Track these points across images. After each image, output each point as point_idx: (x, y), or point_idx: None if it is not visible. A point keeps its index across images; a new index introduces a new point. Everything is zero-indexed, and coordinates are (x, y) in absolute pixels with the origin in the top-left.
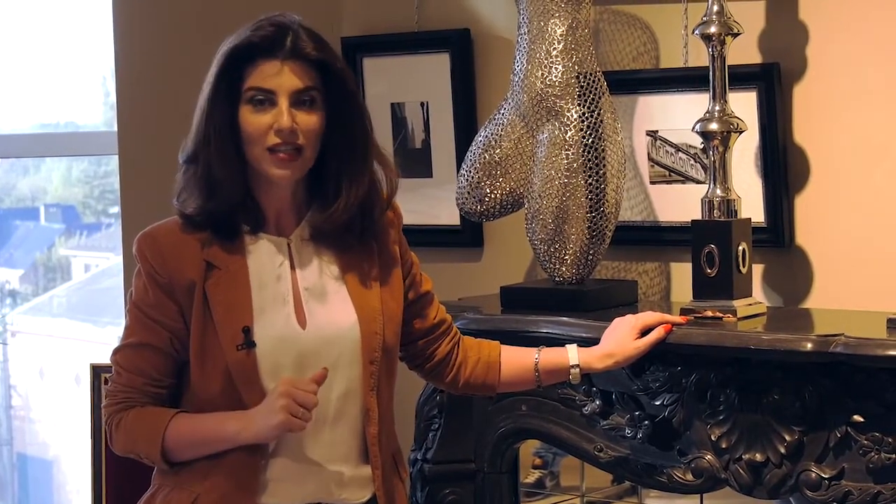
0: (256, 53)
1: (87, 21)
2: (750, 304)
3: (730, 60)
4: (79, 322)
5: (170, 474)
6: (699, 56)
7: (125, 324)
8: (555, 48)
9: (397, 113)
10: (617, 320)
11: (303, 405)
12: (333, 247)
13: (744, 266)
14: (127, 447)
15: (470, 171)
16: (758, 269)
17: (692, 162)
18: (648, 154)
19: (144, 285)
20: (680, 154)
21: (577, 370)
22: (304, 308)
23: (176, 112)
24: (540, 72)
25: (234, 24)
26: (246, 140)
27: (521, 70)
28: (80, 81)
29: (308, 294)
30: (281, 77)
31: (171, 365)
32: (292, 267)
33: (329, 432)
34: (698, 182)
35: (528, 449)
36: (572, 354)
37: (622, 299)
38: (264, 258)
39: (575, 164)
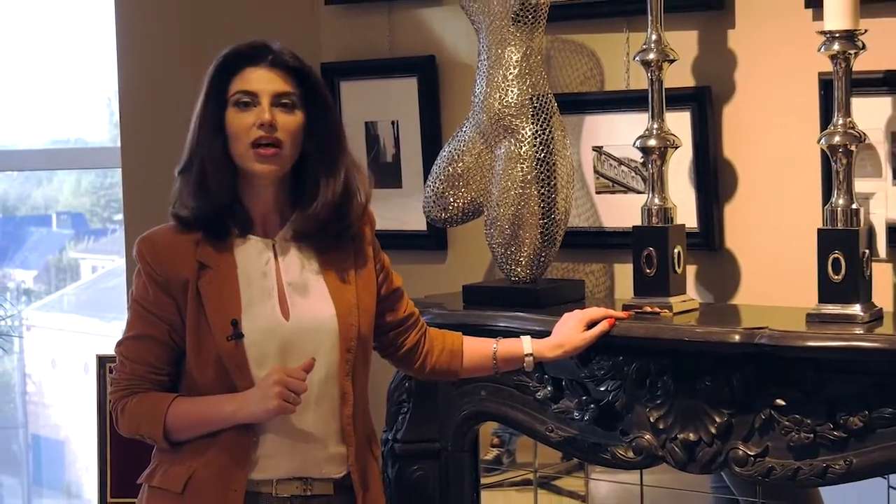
0: (242, 61)
1: (94, 47)
2: (684, 301)
3: (666, 84)
4: (87, 317)
5: (168, 452)
6: (639, 80)
7: (127, 318)
8: (511, 73)
9: (371, 130)
10: (566, 315)
11: (294, 391)
12: (313, 246)
13: (679, 267)
14: (132, 429)
15: (435, 183)
16: (691, 270)
17: (633, 174)
18: (594, 167)
19: (144, 283)
20: (622, 167)
21: (531, 359)
22: (288, 301)
23: (173, 130)
24: (498, 94)
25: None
26: (231, 138)
27: (480, 92)
28: (87, 102)
29: (291, 289)
30: (263, 81)
31: (170, 355)
32: (277, 264)
33: (312, 413)
34: (638, 192)
35: (488, 429)
36: (527, 345)
37: (571, 296)
38: (251, 257)
39: (529, 177)
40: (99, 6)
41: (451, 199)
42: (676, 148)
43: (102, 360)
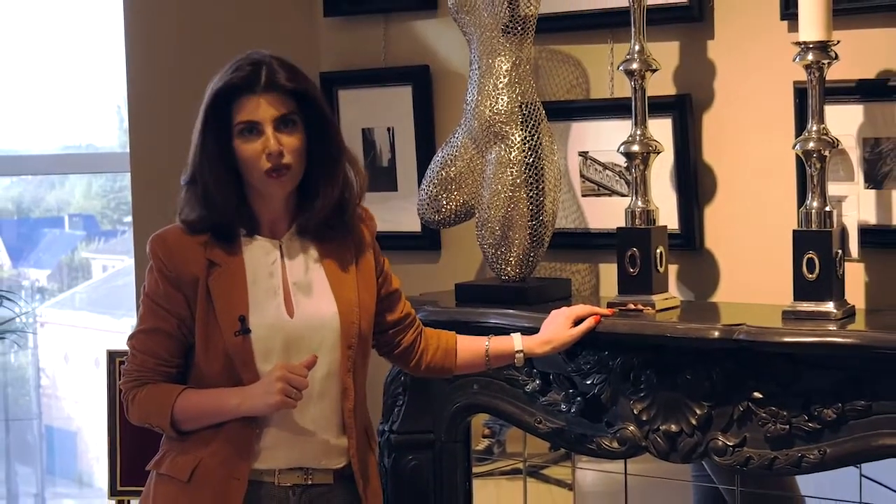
0: (238, 92)
1: (104, 57)
2: (666, 299)
3: (649, 92)
4: (97, 314)
5: (176, 441)
6: (623, 88)
7: (139, 313)
8: (501, 82)
9: (367, 136)
10: (554, 312)
11: (296, 387)
12: (316, 242)
13: (661, 266)
14: (141, 418)
15: (429, 186)
16: (673, 269)
17: (617, 178)
18: (580, 171)
19: (156, 279)
20: (607, 171)
21: (521, 355)
22: (293, 300)
23: (179, 136)
24: (488, 102)
25: (228, 60)
26: (244, 167)
27: (472, 100)
28: (98, 109)
29: (296, 288)
30: (261, 109)
31: (179, 348)
32: (283, 265)
33: (314, 407)
34: (622, 195)
35: (479, 421)
36: (517, 341)
37: (558, 294)
38: (258, 257)
39: (518, 180)
40: (109, 19)
41: (444, 202)
42: (658, 153)
43: (112, 355)
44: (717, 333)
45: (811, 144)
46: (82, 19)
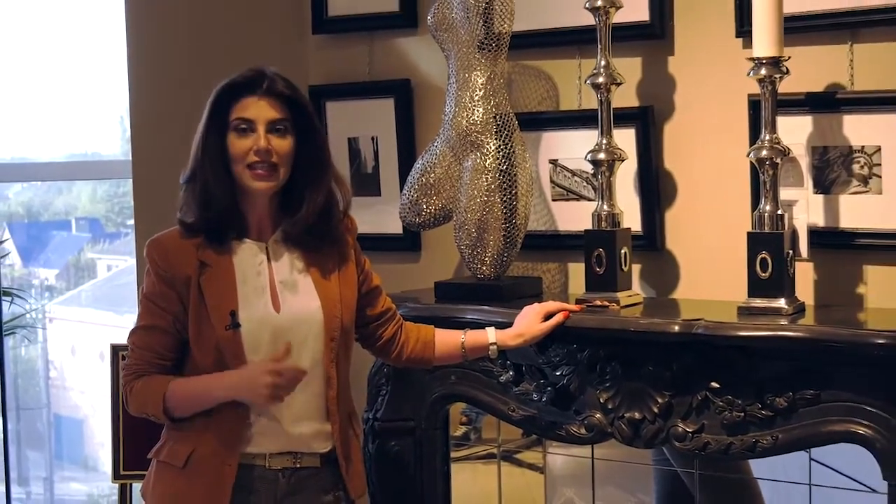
0: (240, 91)
1: (109, 71)
2: (630, 296)
3: (614, 104)
4: (102, 311)
5: (174, 431)
6: (590, 100)
7: (138, 312)
8: (477, 94)
9: (353, 145)
10: (526, 308)
11: (284, 388)
12: (302, 248)
13: (625, 265)
14: (138, 408)
15: (410, 191)
16: (636, 268)
17: (585, 184)
18: (550, 178)
19: (152, 280)
20: (575, 177)
21: (495, 347)
22: (279, 297)
23: (178, 145)
24: (465, 113)
25: (225, 75)
26: (232, 159)
27: (450, 111)
28: (102, 120)
29: (282, 286)
30: (259, 109)
31: (175, 343)
32: (269, 265)
33: (299, 395)
34: (590, 200)
35: (457, 409)
36: (491, 335)
37: (530, 292)
38: (247, 258)
39: (493, 186)
40: (113, 37)
41: (424, 206)
42: (623, 161)
43: (116, 349)
44: (676, 328)
45: (764, 152)
46: (89, 37)
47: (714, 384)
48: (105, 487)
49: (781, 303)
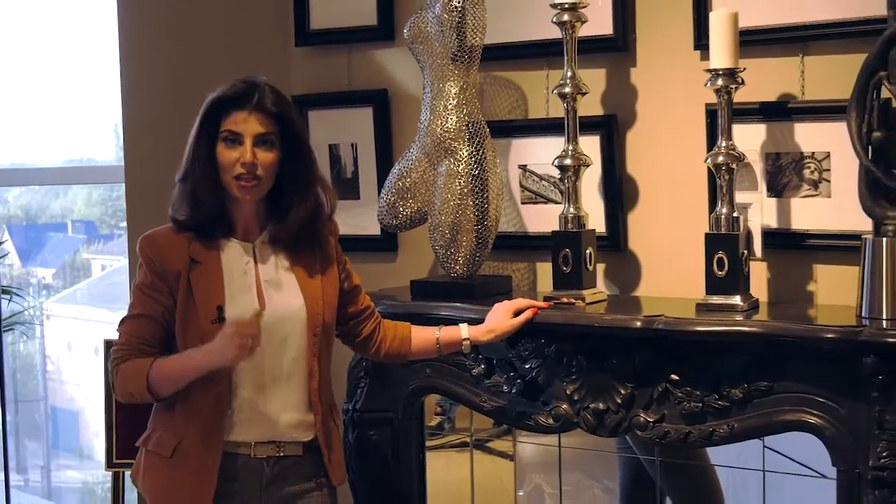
0: (230, 104)
1: (103, 82)
2: (595, 293)
3: (580, 113)
4: (97, 308)
5: (161, 420)
6: (557, 109)
7: (130, 301)
8: (450, 103)
9: (334, 151)
10: (497, 305)
11: (249, 335)
12: (287, 249)
13: (590, 265)
14: (124, 390)
15: (387, 195)
16: (601, 267)
17: (552, 188)
18: (520, 182)
19: (145, 272)
20: (543, 182)
21: (468, 342)
22: (264, 294)
23: (166, 151)
24: (439, 121)
25: (214, 86)
26: (221, 168)
27: (425, 120)
28: (97, 127)
29: (267, 284)
30: (247, 123)
31: (162, 332)
32: (256, 265)
33: (283, 387)
34: (557, 203)
35: (432, 401)
36: (464, 331)
37: (501, 290)
38: (234, 258)
39: (465, 190)
40: (107, 49)
41: (401, 209)
42: (588, 166)
43: (109, 344)
44: (639, 323)
45: (721, 158)
46: (85, 50)
47: (674, 376)
48: (99, 475)
49: (737, 300)
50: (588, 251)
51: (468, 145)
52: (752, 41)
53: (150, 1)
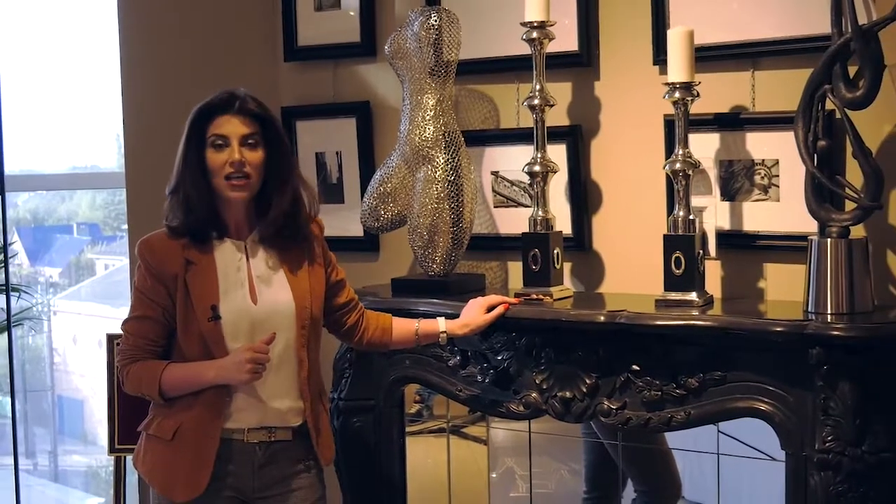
0: (215, 111)
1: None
2: (562, 290)
3: (547, 123)
4: (100, 304)
5: (162, 406)
6: (527, 120)
7: (131, 303)
8: (428, 114)
9: (320, 159)
10: (471, 301)
11: (261, 363)
12: (276, 247)
13: (558, 263)
14: (134, 389)
15: (370, 199)
16: (567, 266)
17: (522, 193)
18: (492, 187)
19: (143, 275)
20: (514, 187)
21: (445, 335)
22: (256, 290)
23: (164, 159)
24: (418, 131)
25: (205, 96)
26: (211, 172)
27: (405, 129)
28: (100, 136)
29: (259, 280)
30: (232, 126)
31: (164, 331)
32: (248, 261)
33: (274, 376)
34: (526, 206)
35: (412, 390)
36: (441, 324)
37: (475, 287)
38: (227, 256)
39: (442, 195)
40: (110, 62)
41: (382, 212)
42: (555, 172)
43: (111, 338)
44: (602, 318)
45: (678, 165)
46: (89, 63)
47: (635, 367)
48: (103, 459)
49: (693, 296)
50: (555, 251)
51: (444, 153)
52: (707, 57)
53: (149, 20)
